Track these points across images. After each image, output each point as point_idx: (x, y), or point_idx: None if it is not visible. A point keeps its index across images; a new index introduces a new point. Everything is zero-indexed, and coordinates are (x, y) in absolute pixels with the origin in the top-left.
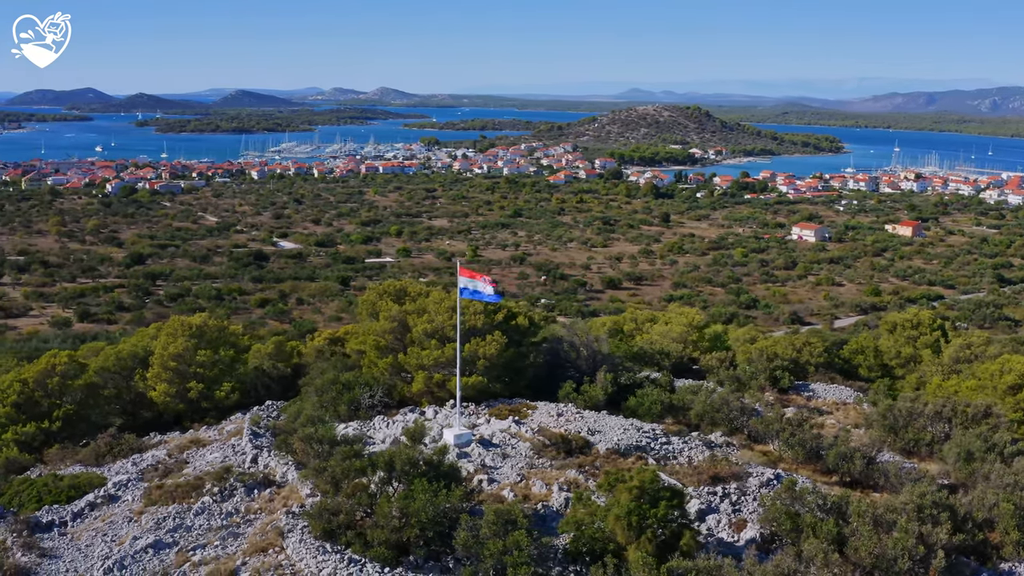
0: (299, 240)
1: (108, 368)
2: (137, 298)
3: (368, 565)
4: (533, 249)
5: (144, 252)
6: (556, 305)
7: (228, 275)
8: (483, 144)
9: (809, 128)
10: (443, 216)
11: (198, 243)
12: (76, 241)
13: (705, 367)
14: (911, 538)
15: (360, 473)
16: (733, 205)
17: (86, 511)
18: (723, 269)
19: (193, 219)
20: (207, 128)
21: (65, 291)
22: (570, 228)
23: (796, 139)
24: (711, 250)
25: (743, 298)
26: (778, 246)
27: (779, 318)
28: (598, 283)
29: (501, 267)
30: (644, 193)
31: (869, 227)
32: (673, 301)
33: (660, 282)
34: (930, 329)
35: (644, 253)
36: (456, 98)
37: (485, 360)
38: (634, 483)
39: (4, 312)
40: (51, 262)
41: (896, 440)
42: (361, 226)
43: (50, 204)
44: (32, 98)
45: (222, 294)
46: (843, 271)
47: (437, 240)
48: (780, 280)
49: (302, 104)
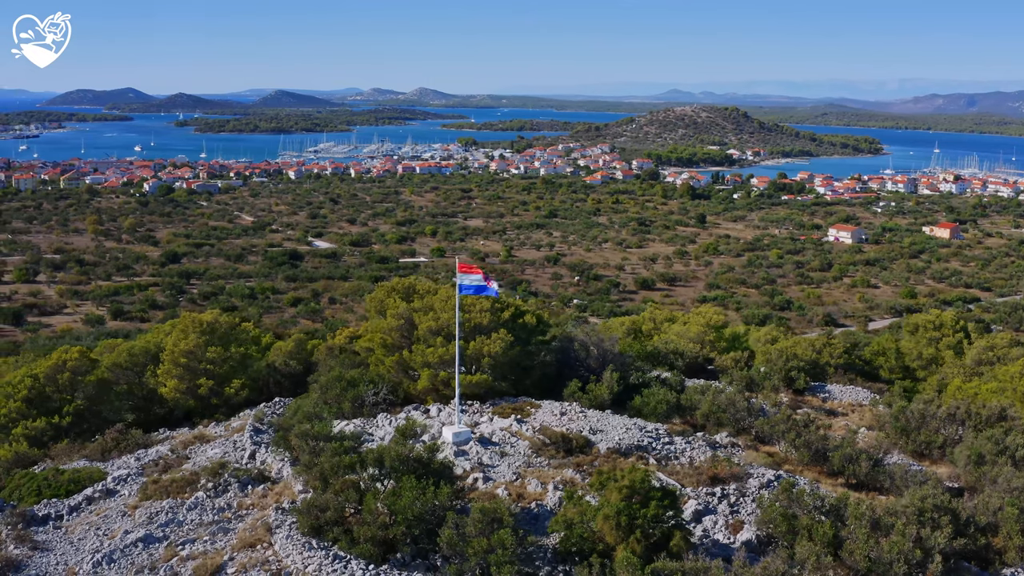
0: (334, 240)
1: (120, 364)
2: (171, 296)
3: (353, 562)
4: (567, 250)
5: (179, 251)
6: (589, 306)
7: (262, 274)
8: (520, 145)
9: (848, 129)
10: (478, 216)
11: (233, 242)
12: (112, 240)
13: (720, 367)
14: (908, 542)
15: (349, 470)
16: (770, 206)
17: (83, 505)
18: (758, 270)
19: (229, 218)
20: (246, 128)
21: (99, 289)
22: (605, 229)
23: (835, 140)
24: (746, 251)
25: (777, 299)
26: (814, 247)
27: (813, 320)
28: (632, 284)
29: (535, 267)
30: (680, 194)
31: (906, 229)
32: (706, 302)
33: (694, 283)
34: (952, 330)
35: (679, 254)
36: (495, 99)
37: (490, 358)
38: (624, 482)
39: (39, 310)
40: (87, 260)
41: (908, 443)
42: (396, 226)
43: (88, 203)
44: (73, 98)
45: (255, 293)
46: (879, 273)
47: (472, 240)
48: (815, 282)
49: (341, 104)
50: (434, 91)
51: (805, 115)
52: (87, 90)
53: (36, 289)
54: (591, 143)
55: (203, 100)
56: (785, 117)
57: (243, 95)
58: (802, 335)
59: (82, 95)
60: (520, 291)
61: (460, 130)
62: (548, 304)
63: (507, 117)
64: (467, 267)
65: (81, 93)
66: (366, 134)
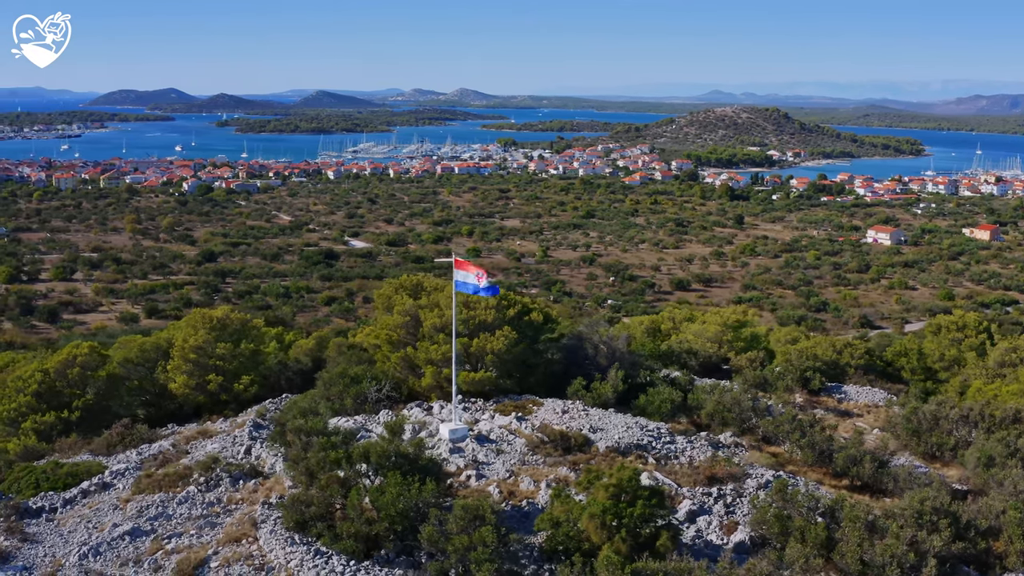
0: (370, 239)
1: (131, 360)
2: (206, 295)
3: (335, 558)
4: (604, 250)
5: (216, 250)
6: (623, 306)
7: (297, 273)
8: (559, 145)
9: (890, 131)
10: (516, 216)
11: (270, 241)
12: (150, 239)
13: (735, 367)
14: (902, 545)
15: (336, 465)
16: (809, 207)
17: (78, 498)
18: (795, 271)
19: (267, 218)
20: (286, 128)
21: (135, 288)
22: (642, 229)
23: (876, 141)
24: (784, 252)
25: (813, 301)
26: (852, 249)
27: (848, 321)
28: (667, 285)
29: (571, 268)
30: (719, 195)
31: (946, 230)
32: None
33: (730, 284)
34: (975, 332)
35: (715, 255)
36: (535, 99)
37: (493, 355)
38: (612, 481)
39: (74, 308)
40: (124, 259)
41: (919, 444)
42: (433, 226)
43: (127, 202)
44: (115, 98)
45: (290, 292)
46: (917, 275)
47: (508, 240)
48: (852, 283)
49: (382, 105)
50: (475, 92)
51: (847, 116)
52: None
53: (72, 287)
54: (631, 144)
55: (245, 100)
56: (827, 118)
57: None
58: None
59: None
60: (554, 291)
61: (500, 131)
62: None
63: (547, 118)
64: (463, 264)
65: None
66: (406, 134)
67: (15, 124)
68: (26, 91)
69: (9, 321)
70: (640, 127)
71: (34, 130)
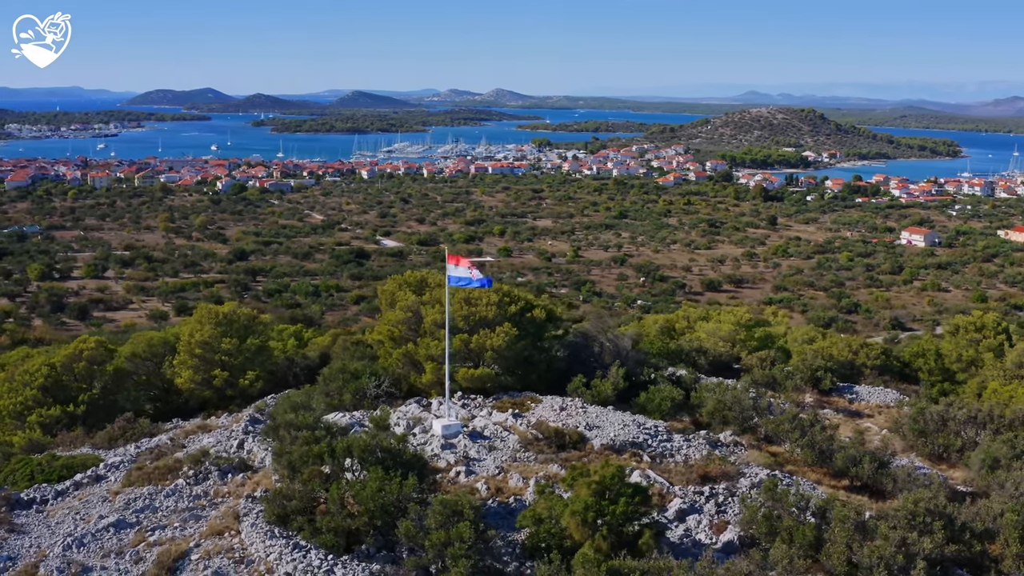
0: (401, 239)
1: (139, 355)
2: (235, 293)
3: (313, 551)
4: (635, 250)
5: (247, 248)
6: (652, 307)
7: (328, 272)
8: (594, 145)
9: (927, 132)
10: (548, 217)
11: (301, 240)
12: (183, 237)
13: (745, 366)
14: (890, 546)
15: (319, 459)
16: (843, 209)
17: (70, 490)
18: (827, 273)
19: (299, 217)
20: (322, 128)
21: (166, 285)
22: (674, 230)
23: (912, 143)
24: (816, 254)
25: (844, 302)
26: (885, 250)
27: (879, 323)
28: (698, 285)
29: (601, 268)
30: (753, 196)
31: (981, 232)
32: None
33: (761, 285)
34: (994, 332)
35: (747, 256)
36: (571, 100)
37: (493, 352)
38: (595, 478)
39: (104, 305)
40: (155, 257)
41: (926, 445)
42: (465, 225)
43: (161, 201)
44: (153, 98)
45: (319, 290)
46: (950, 276)
47: (539, 240)
48: (885, 285)
49: (418, 105)
50: (511, 92)
51: (883, 117)
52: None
53: (104, 285)
54: (665, 144)
55: (281, 100)
56: (863, 119)
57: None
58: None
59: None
60: (584, 291)
61: (535, 131)
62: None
63: (583, 118)
64: (455, 258)
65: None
66: (441, 134)
67: (52, 123)
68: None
69: (39, 318)
70: (675, 128)
71: (71, 129)
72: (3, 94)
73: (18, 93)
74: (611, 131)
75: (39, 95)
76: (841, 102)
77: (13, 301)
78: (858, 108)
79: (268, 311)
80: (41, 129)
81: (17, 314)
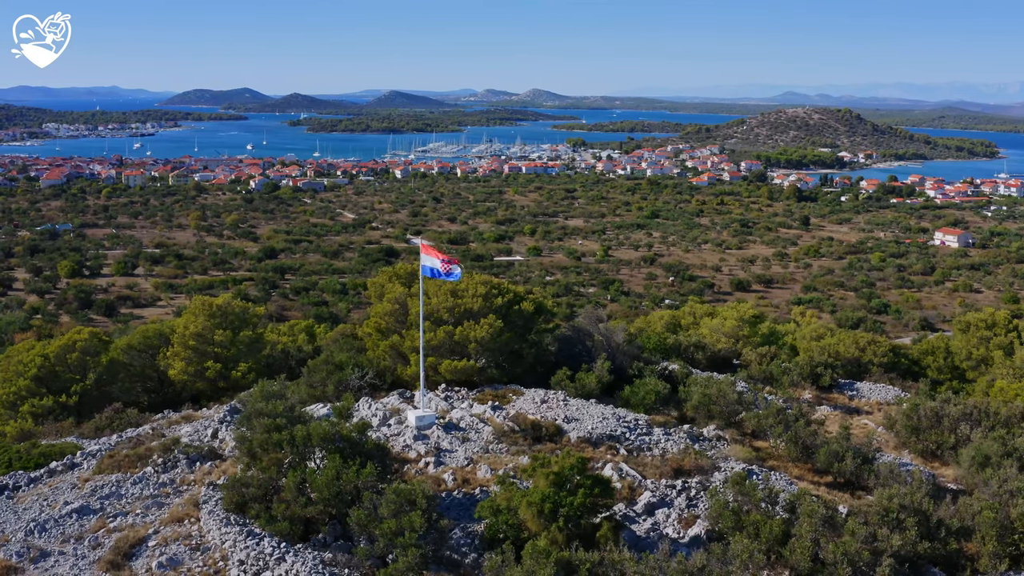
0: (432, 237)
1: (133, 346)
2: (263, 291)
3: (267, 539)
4: (666, 250)
5: (277, 247)
6: (680, 306)
7: (356, 270)
8: (629, 146)
9: (965, 132)
10: (580, 216)
11: (332, 239)
12: (214, 235)
13: (745, 362)
14: (856, 543)
15: (278, 447)
16: (877, 209)
17: (43, 477)
18: (858, 273)
19: (331, 216)
20: (357, 128)
21: (194, 283)
22: (706, 230)
23: (950, 143)
24: (848, 254)
25: (874, 303)
26: (918, 251)
27: (908, 324)
28: (727, 285)
29: (630, 267)
30: (786, 196)
31: (1016, 233)
32: (800, 304)
33: (791, 285)
34: (1005, 330)
35: (778, 256)
36: (608, 100)
37: (476, 344)
38: (554, 469)
39: (132, 302)
40: (185, 255)
41: (918, 442)
42: (496, 224)
43: (194, 200)
44: (190, 97)
45: (347, 288)
46: (983, 278)
47: (570, 239)
48: (916, 286)
49: (454, 105)
50: (547, 92)
51: (922, 118)
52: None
53: (133, 282)
54: (700, 144)
55: (318, 100)
56: (902, 120)
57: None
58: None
59: (199, 95)
60: (612, 291)
61: (570, 131)
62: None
63: (619, 119)
64: (429, 249)
65: (199, 93)
66: (476, 134)
67: (90, 123)
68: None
69: (67, 315)
70: (710, 128)
71: (108, 129)
72: (41, 93)
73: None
74: (647, 131)
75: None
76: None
77: (42, 297)
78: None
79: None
80: (78, 128)
81: (45, 310)
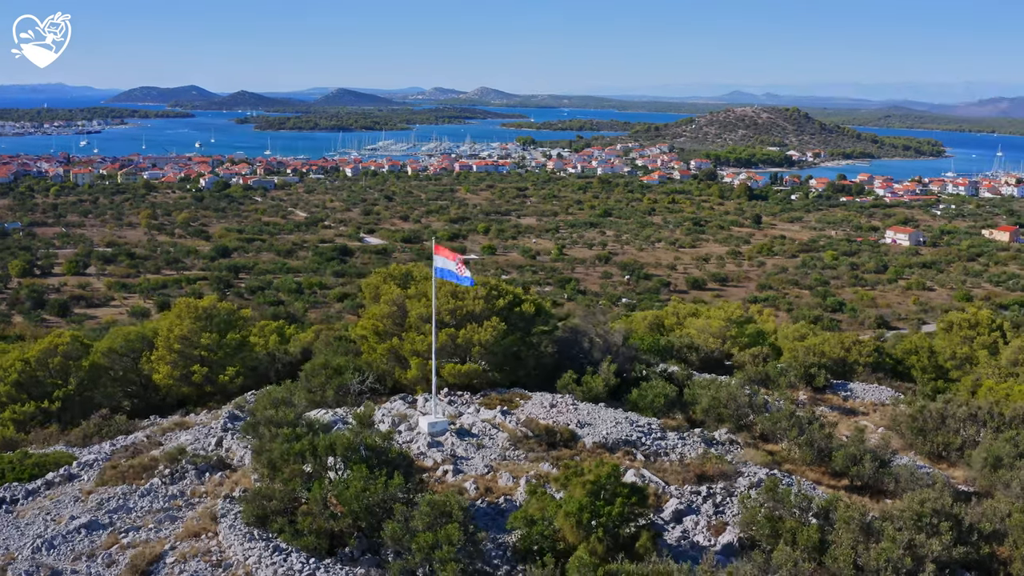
0: (385, 236)
1: (115, 350)
2: (218, 290)
3: (294, 555)
4: (620, 249)
5: (230, 245)
6: (637, 305)
7: (311, 269)
8: (579, 144)
9: (911, 132)
10: (532, 215)
11: (284, 237)
12: (165, 234)
13: (737, 363)
14: (898, 549)
15: (300, 458)
16: (827, 208)
17: (41, 489)
18: (811, 272)
19: (283, 214)
20: (306, 126)
21: (148, 282)
22: (659, 228)
23: (897, 143)
24: (801, 252)
25: (829, 301)
26: (870, 249)
27: (864, 322)
28: (683, 284)
29: (585, 266)
30: (737, 195)
31: (965, 232)
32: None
33: (746, 283)
34: (988, 329)
35: (732, 254)
36: (556, 99)
37: (480, 347)
38: (590, 478)
39: (86, 302)
40: (137, 254)
41: (924, 443)
42: (449, 223)
43: (143, 198)
44: (137, 95)
45: (302, 287)
46: (935, 276)
47: (523, 238)
48: (869, 284)
49: (403, 103)
50: (496, 91)
51: (868, 117)
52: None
53: (85, 281)
54: (650, 143)
55: (265, 98)
56: (849, 119)
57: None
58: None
59: (146, 92)
60: (568, 289)
61: (519, 129)
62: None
63: (568, 117)
64: (443, 250)
65: (145, 90)
66: (425, 133)
67: (35, 120)
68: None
69: (20, 315)
70: (660, 127)
71: (54, 126)
72: None
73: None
74: (596, 130)
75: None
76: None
77: None
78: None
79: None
80: (24, 126)
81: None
